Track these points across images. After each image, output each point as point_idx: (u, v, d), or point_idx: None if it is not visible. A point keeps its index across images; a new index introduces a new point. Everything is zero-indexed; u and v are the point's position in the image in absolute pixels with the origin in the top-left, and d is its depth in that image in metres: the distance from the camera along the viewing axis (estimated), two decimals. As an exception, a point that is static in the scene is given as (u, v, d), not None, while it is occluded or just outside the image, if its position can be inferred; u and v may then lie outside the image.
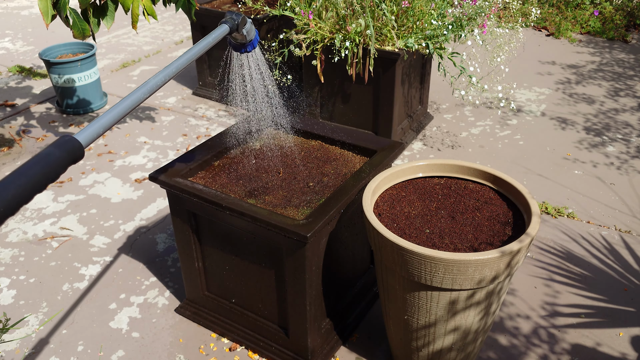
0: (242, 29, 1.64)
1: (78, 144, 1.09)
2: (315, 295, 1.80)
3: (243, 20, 1.62)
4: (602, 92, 3.90)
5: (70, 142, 1.08)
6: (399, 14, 2.90)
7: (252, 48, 1.73)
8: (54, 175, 1.02)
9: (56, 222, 2.68)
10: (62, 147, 1.06)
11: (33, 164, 1.00)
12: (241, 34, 1.65)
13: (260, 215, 1.66)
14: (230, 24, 1.60)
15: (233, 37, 1.68)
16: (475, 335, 1.71)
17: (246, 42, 1.71)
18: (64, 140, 1.08)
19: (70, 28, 2.36)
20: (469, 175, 1.86)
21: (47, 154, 1.03)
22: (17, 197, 0.94)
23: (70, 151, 1.07)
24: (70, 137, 1.09)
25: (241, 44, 1.71)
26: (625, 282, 2.29)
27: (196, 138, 3.38)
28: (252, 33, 1.70)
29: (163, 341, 2.06)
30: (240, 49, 1.73)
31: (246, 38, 1.68)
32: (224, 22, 1.60)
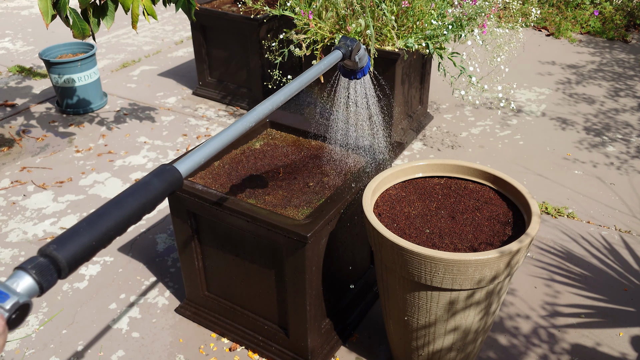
0: (355, 55, 1.56)
1: (178, 174, 1.03)
2: (315, 295, 1.80)
3: (357, 47, 1.55)
4: (602, 92, 3.90)
5: (170, 172, 1.02)
6: (399, 14, 2.90)
7: (362, 75, 1.65)
8: (151, 207, 0.96)
9: (56, 222, 2.68)
10: (161, 176, 1.00)
11: (130, 194, 0.94)
12: (353, 60, 1.57)
13: (260, 215, 1.66)
14: (344, 50, 1.53)
15: (344, 64, 1.60)
16: (475, 335, 1.71)
17: (357, 69, 1.62)
18: (164, 169, 1.01)
19: (70, 28, 2.36)
20: (469, 175, 1.86)
21: (145, 183, 0.97)
22: (111, 230, 0.88)
23: (170, 181, 1.00)
24: (171, 167, 1.03)
25: (351, 71, 1.63)
26: (625, 282, 2.29)
27: (196, 138, 3.38)
28: (365, 60, 1.61)
29: (163, 341, 2.06)
30: (350, 75, 1.65)
31: (357, 65, 1.60)
32: (337, 48, 1.53)
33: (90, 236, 0.84)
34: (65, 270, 0.80)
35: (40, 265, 0.78)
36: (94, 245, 0.84)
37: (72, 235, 0.83)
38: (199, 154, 1.11)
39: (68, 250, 0.81)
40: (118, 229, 0.89)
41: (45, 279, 0.78)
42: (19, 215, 2.73)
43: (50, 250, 0.80)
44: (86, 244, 0.83)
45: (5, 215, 2.74)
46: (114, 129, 3.49)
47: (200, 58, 3.76)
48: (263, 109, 1.28)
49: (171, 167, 1.03)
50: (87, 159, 3.18)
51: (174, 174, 1.02)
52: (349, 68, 1.62)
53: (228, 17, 3.45)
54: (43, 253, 0.80)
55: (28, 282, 0.77)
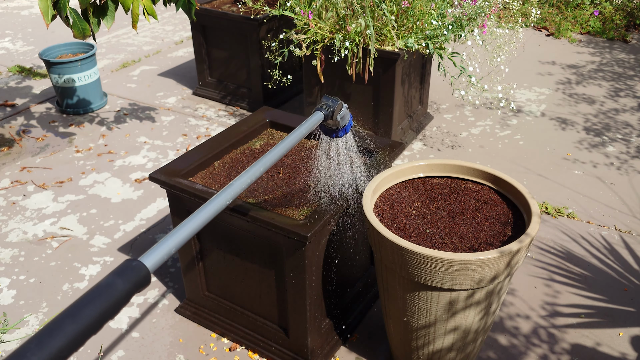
0: (337, 115, 1.54)
1: (145, 271, 0.90)
2: (315, 295, 1.80)
3: (339, 107, 1.52)
4: (602, 92, 3.90)
5: (137, 270, 0.89)
6: (399, 14, 2.90)
7: (343, 133, 1.63)
8: (114, 312, 0.83)
9: (56, 222, 2.68)
10: (126, 275, 0.87)
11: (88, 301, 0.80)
12: (335, 120, 1.55)
13: (260, 215, 1.66)
14: (325, 111, 1.50)
15: (326, 124, 1.58)
16: (475, 335, 1.71)
17: (339, 128, 1.60)
18: (129, 266, 0.89)
19: (71, 28, 2.36)
20: (469, 175, 1.86)
21: (107, 286, 0.84)
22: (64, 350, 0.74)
23: (135, 281, 0.87)
24: (137, 263, 0.90)
25: (333, 129, 1.61)
26: (625, 282, 2.29)
27: (196, 138, 3.38)
28: (347, 118, 1.59)
29: (163, 341, 2.06)
30: (331, 133, 1.62)
31: (339, 124, 1.58)
32: (319, 109, 1.50)
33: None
34: None
35: None
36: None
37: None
38: (169, 244, 0.98)
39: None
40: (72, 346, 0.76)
41: None
42: (19, 215, 2.73)
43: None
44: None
45: (5, 215, 2.74)
46: (114, 129, 3.49)
47: (200, 58, 3.76)
48: (241, 183, 1.20)
49: (137, 264, 0.90)
50: (87, 159, 3.18)
51: (140, 271, 0.89)
52: (330, 127, 1.60)
53: (228, 17, 3.45)
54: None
55: None
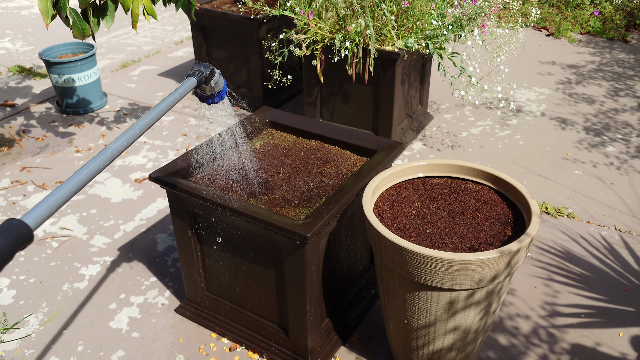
0: (211, 81, 1.58)
1: (27, 228, 0.95)
2: (315, 295, 1.80)
3: (211, 73, 1.57)
4: (602, 92, 3.90)
5: (17, 227, 0.93)
6: (399, 14, 2.90)
7: (219, 99, 1.68)
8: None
9: (56, 222, 2.68)
10: (7, 234, 0.92)
11: None
12: (210, 85, 1.60)
13: (260, 215, 1.66)
14: (197, 77, 1.53)
15: (201, 89, 1.62)
16: (475, 335, 1.71)
17: (214, 94, 1.65)
18: (10, 225, 0.93)
19: (70, 28, 2.36)
20: (469, 175, 1.86)
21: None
22: None
23: (16, 238, 0.92)
24: (18, 222, 0.94)
25: (209, 95, 1.66)
26: (625, 282, 2.29)
27: (196, 138, 3.38)
28: (221, 84, 1.64)
29: (163, 341, 2.06)
30: (207, 99, 1.68)
31: (214, 90, 1.63)
32: (191, 75, 1.53)
33: None
34: None
35: None
36: None
37: None
38: (50, 203, 1.01)
39: None
40: None
41: None
42: (19, 215, 2.73)
43: None
44: None
45: (5, 215, 2.73)
46: (114, 129, 3.49)
47: (200, 58, 3.75)
48: (118, 146, 1.20)
49: (18, 222, 0.94)
50: (87, 159, 3.18)
51: (21, 229, 0.93)
52: (206, 93, 1.64)
53: (228, 17, 3.45)
54: None
55: None
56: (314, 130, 2.16)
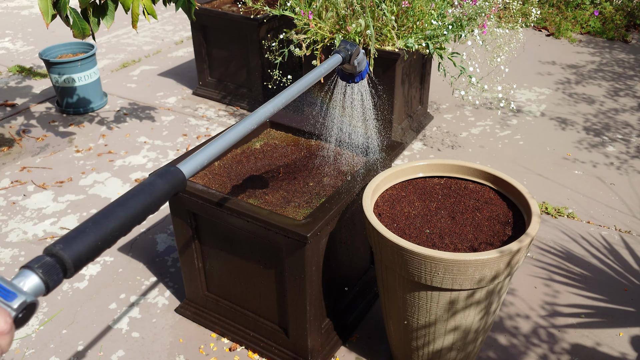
0: (355, 59, 1.57)
1: (182, 175, 1.02)
2: (315, 295, 1.80)
3: (357, 51, 1.56)
4: (602, 92, 3.90)
5: (174, 173, 1.01)
6: (399, 14, 2.90)
7: (360, 79, 1.66)
8: (155, 207, 0.95)
9: (56, 222, 2.68)
10: (165, 177, 0.99)
11: (134, 194, 0.93)
12: (352, 64, 1.58)
13: (260, 215, 1.66)
14: (343, 54, 1.53)
15: (343, 67, 1.61)
16: (475, 335, 1.71)
17: (355, 73, 1.63)
18: (168, 170, 1.01)
19: (70, 27, 2.36)
20: (469, 175, 1.86)
21: (149, 184, 0.96)
22: (116, 230, 0.87)
23: (173, 183, 1.00)
24: (175, 168, 1.02)
25: (349, 74, 1.64)
26: (625, 282, 2.29)
27: (196, 138, 3.38)
28: (364, 64, 1.62)
29: (163, 341, 2.06)
30: (348, 79, 1.66)
31: (356, 69, 1.61)
32: (337, 51, 1.54)
33: (96, 236, 0.84)
34: (72, 270, 0.80)
35: (47, 265, 0.78)
36: (99, 245, 0.85)
37: (78, 235, 0.83)
38: (203, 155, 1.10)
39: (74, 250, 0.81)
40: (123, 229, 0.89)
41: (51, 278, 0.78)
42: (19, 215, 2.73)
43: (57, 249, 0.79)
44: (92, 244, 0.83)
45: (5, 215, 2.74)
46: (114, 128, 3.49)
47: (200, 58, 3.76)
48: (265, 112, 1.29)
49: (175, 169, 1.02)
50: (87, 159, 3.18)
51: (177, 175, 1.01)
52: (347, 72, 1.63)
53: (228, 17, 3.45)
54: (49, 252, 0.80)
55: (34, 281, 0.76)
56: (314, 130, 2.16)
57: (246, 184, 1.90)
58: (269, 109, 1.30)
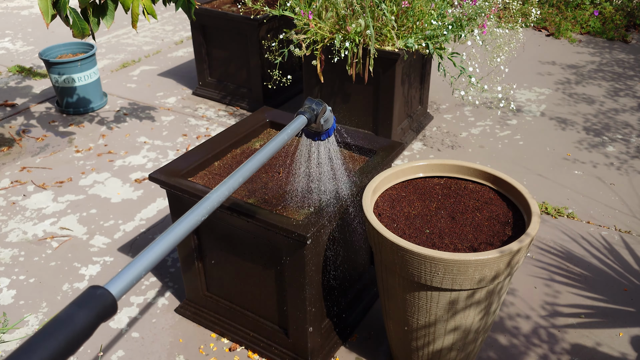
0: (321, 118, 1.50)
1: (111, 299, 0.81)
2: (315, 295, 1.80)
3: (323, 110, 1.49)
4: (602, 92, 3.90)
5: (102, 298, 0.79)
6: (399, 14, 2.90)
7: (326, 137, 1.59)
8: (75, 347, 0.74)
9: (56, 222, 2.68)
10: (88, 306, 0.78)
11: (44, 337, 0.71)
12: (318, 123, 1.52)
13: (260, 215, 1.66)
14: (308, 114, 1.46)
15: (309, 127, 1.54)
16: (475, 335, 1.71)
17: (322, 131, 1.56)
18: (93, 294, 0.80)
19: (70, 27, 2.36)
20: (469, 175, 1.86)
21: (67, 319, 0.75)
22: None
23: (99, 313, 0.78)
24: (102, 291, 0.81)
25: (316, 132, 1.57)
26: (625, 282, 2.29)
27: (196, 138, 3.38)
28: (330, 122, 1.56)
29: (163, 341, 2.06)
30: (314, 137, 1.59)
31: (323, 127, 1.54)
32: (301, 112, 1.47)
33: None
34: None
35: None
36: None
37: None
38: (137, 269, 0.88)
39: None
40: None
41: None
42: (19, 215, 2.73)
43: None
44: None
45: (5, 215, 2.74)
46: (114, 128, 3.49)
47: (200, 58, 3.76)
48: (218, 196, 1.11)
49: (102, 292, 0.81)
50: (87, 159, 3.18)
51: (105, 300, 0.80)
52: (313, 130, 1.56)
53: (228, 17, 3.45)
54: None
55: None
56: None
57: (246, 184, 1.90)
58: (223, 191, 1.12)
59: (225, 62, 3.70)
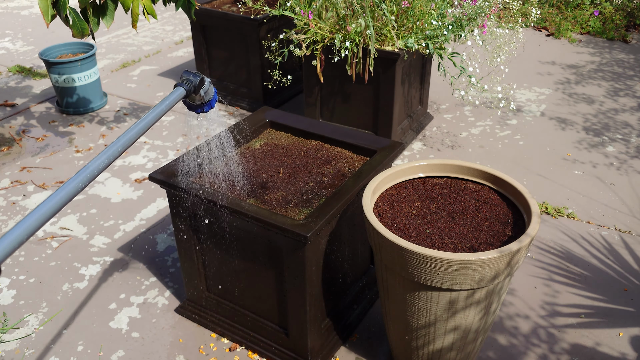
0: (200, 90, 1.52)
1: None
2: (315, 295, 1.80)
3: (201, 82, 1.51)
4: (601, 92, 3.90)
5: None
6: (399, 14, 2.90)
7: (209, 108, 1.63)
8: None
9: (56, 222, 2.68)
10: None
11: None
12: (199, 94, 1.54)
13: (260, 215, 1.66)
14: (186, 86, 1.47)
15: (190, 98, 1.56)
16: (475, 335, 1.71)
17: (204, 103, 1.59)
18: None
19: (70, 27, 2.36)
20: (469, 175, 1.86)
21: None
22: None
23: None
24: None
25: (198, 104, 1.60)
26: (625, 282, 2.29)
27: (196, 138, 3.38)
28: (211, 93, 1.59)
29: (163, 341, 2.06)
30: (196, 109, 1.61)
31: (204, 99, 1.57)
32: (179, 84, 1.47)
33: None
34: None
35: None
36: None
37: None
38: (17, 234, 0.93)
39: None
40: None
41: None
42: (19, 215, 2.73)
43: None
44: None
45: (5, 215, 2.74)
46: (114, 128, 3.49)
47: (200, 58, 3.76)
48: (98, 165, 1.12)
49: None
50: (87, 159, 3.18)
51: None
52: (195, 102, 1.59)
53: (228, 17, 3.45)
54: None
55: None
56: (314, 130, 2.16)
57: (246, 184, 1.90)
58: (103, 160, 1.14)
59: (225, 62, 3.70)
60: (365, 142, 2.06)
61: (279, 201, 1.81)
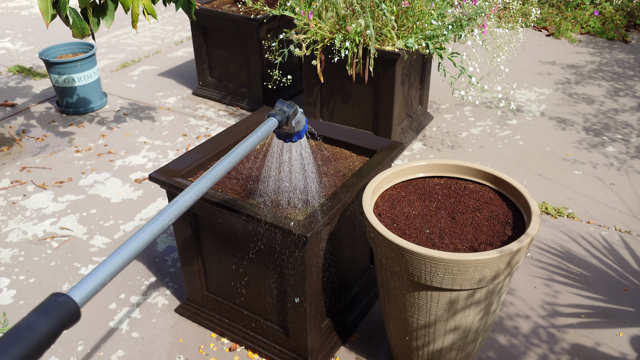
0: (292, 120, 1.48)
1: (74, 307, 0.77)
2: (315, 295, 1.80)
3: (294, 112, 1.47)
4: (601, 92, 3.90)
5: (64, 306, 0.75)
6: (399, 14, 2.90)
7: (297, 138, 1.58)
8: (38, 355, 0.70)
9: (56, 222, 2.68)
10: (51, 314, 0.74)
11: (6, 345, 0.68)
12: (290, 125, 1.50)
13: (260, 215, 1.66)
14: (279, 117, 1.44)
15: (281, 129, 1.53)
16: (475, 335, 1.71)
17: (293, 133, 1.55)
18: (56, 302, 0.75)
19: (70, 27, 2.36)
20: (469, 175, 1.86)
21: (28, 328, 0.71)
22: None
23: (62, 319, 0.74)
24: (65, 298, 0.76)
25: (287, 134, 1.56)
26: (625, 282, 2.29)
27: (196, 138, 3.38)
28: (302, 123, 1.55)
29: (163, 341, 2.06)
30: (285, 138, 1.58)
31: (294, 129, 1.53)
32: (272, 115, 1.44)
33: None
34: None
35: None
36: None
37: None
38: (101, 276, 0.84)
39: None
40: None
41: None
42: (19, 215, 2.73)
43: None
44: None
45: (5, 215, 2.74)
46: (114, 128, 3.49)
47: (200, 58, 3.76)
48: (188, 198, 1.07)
49: (65, 299, 0.77)
50: (87, 159, 3.18)
51: (68, 308, 0.76)
52: (285, 132, 1.56)
53: (228, 17, 3.45)
54: None
55: None
56: (314, 130, 2.16)
57: (246, 184, 1.90)
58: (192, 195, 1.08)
59: (225, 62, 3.70)
60: (365, 142, 2.06)
61: (278, 201, 1.81)
